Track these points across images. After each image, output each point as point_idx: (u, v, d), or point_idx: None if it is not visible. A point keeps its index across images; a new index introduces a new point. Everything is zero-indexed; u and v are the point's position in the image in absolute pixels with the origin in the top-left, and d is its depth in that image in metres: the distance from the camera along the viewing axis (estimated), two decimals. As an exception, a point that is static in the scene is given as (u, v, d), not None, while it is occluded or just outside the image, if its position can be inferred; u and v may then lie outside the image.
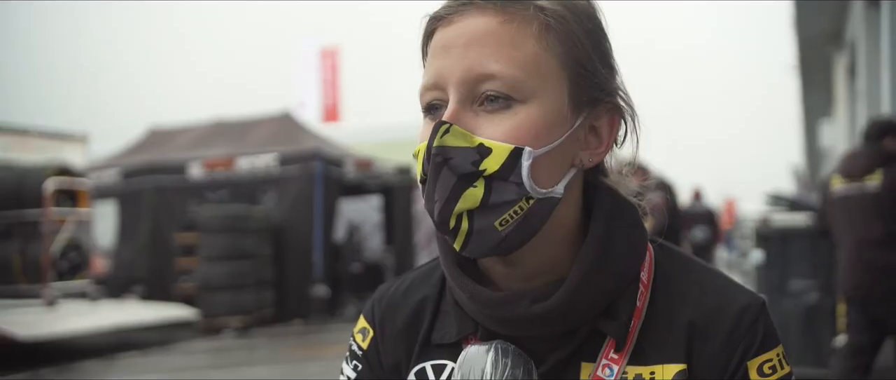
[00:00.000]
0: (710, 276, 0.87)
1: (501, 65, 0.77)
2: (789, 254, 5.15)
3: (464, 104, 0.79)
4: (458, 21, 0.80)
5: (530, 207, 0.78)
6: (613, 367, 0.82)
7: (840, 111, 11.89)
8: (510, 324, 0.83)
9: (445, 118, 0.77)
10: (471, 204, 0.77)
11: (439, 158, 0.77)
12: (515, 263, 0.83)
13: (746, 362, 0.80)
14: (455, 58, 0.79)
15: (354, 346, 0.98)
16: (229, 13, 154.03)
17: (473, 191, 0.77)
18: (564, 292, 0.80)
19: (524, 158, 0.76)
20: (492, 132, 0.77)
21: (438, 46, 0.81)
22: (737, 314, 0.82)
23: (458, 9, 0.81)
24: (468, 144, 0.77)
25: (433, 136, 0.77)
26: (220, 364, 7.35)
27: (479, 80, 0.78)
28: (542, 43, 0.79)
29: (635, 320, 0.83)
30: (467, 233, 0.78)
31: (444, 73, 0.79)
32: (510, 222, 0.78)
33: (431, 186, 0.78)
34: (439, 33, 0.82)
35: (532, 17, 0.79)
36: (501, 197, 0.77)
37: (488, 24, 0.79)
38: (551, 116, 0.79)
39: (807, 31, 10.69)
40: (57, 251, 8.24)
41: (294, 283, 9.99)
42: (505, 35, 0.78)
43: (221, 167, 10.69)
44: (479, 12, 0.79)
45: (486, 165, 0.76)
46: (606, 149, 0.85)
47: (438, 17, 0.82)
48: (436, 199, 0.78)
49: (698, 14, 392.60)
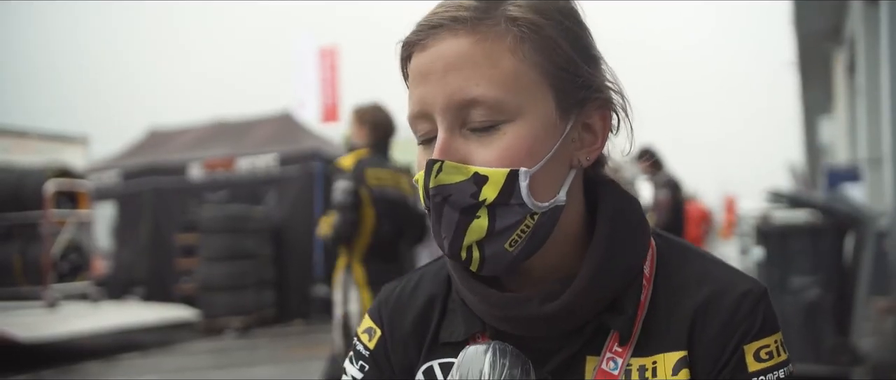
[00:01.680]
0: (711, 264, 0.87)
1: (482, 87, 0.76)
2: (790, 251, 5.15)
3: (452, 131, 0.78)
4: (432, 45, 0.79)
5: (536, 222, 0.78)
6: (618, 360, 0.82)
7: (839, 108, 11.88)
8: (519, 324, 0.83)
9: (437, 152, 0.77)
10: (478, 236, 0.78)
11: (438, 197, 0.77)
12: (524, 268, 0.83)
13: (743, 347, 0.80)
14: (435, 84, 0.78)
15: (360, 346, 0.97)
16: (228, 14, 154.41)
17: (478, 222, 0.77)
18: (573, 291, 0.80)
19: (521, 178, 0.76)
20: (484, 157, 0.77)
21: (417, 73, 0.80)
22: (737, 299, 0.82)
23: (429, 32, 0.79)
24: (463, 176, 0.77)
25: (428, 176, 0.77)
26: (221, 365, 7.35)
27: (462, 105, 0.77)
28: (519, 55, 0.78)
29: (639, 312, 0.84)
30: (480, 260, 0.79)
31: (427, 100, 0.79)
32: (520, 241, 0.78)
33: (436, 223, 0.79)
34: (415, 59, 0.81)
35: (504, 31, 0.78)
36: (506, 221, 0.77)
37: (461, 46, 0.77)
38: (541, 128, 0.78)
39: (806, 27, 10.69)
40: (57, 253, 8.24)
41: (295, 283, 9.99)
42: (480, 55, 0.77)
43: (221, 168, 10.69)
44: (451, 34, 0.78)
45: (486, 195, 0.76)
46: (602, 143, 0.85)
47: (411, 43, 0.81)
48: (443, 235, 0.79)
49: (697, 12, 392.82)
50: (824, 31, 10.57)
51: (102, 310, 8.38)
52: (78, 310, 8.12)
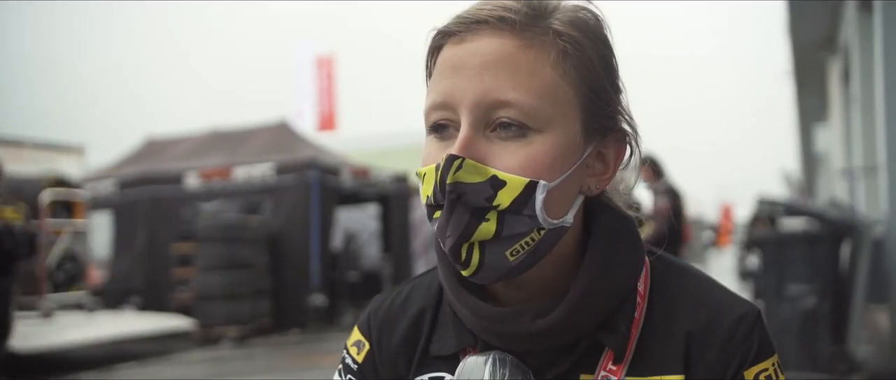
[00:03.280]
0: (705, 285, 0.87)
1: (519, 93, 0.75)
2: (786, 258, 5.16)
3: (477, 129, 0.76)
4: (470, 40, 0.77)
5: (541, 237, 0.78)
6: (612, 378, 0.82)
7: (834, 116, 11.93)
8: (511, 339, 0.82)
9: (458, 148, 0.75)
10: (483, 237, 0.76)
11: (454, 194, 0.75)
12: (518, 283, 0.83)
13: (743, 372, 0.80)
14: (468, 79, 0.76)
15: (349, 359, 0.96)
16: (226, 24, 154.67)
17: (486, 226, 0.76)
18: (565, 308, 0.80)
19: (539, 191, 0.75)
20: (506, 162, 0.75)
21: (448, 65, 0.78)
22: (733, 324, 0.82)
23: (471, 27, 0.77)
24: (481, 178, 0.75)
25: (447, 170, 0.75)
26: (217, 374, 7.32)
27: (494, 106, 0.75)
28: (559, 70, 0.77)
29: (633, 331, 0.83)
30: (478, 264, 0.77)
31: (455, 93, 0.76)
32: (521, 252, 0.77)
33: (444, 220, 0.77)
34: (449, 50, 0.79)
35: (550, 43, 0.77)
36: (513, 230, 0.76)
37: (505, 48, 0.76)
38: (565, 145, 0.77)
39: (801, 36, 10.74)
40: (53, 263, 8.23)
41: (291, 292, 9.97)
42: (523, 61, 0.76)
43: (218, 177, 10.68)
44: (495, 33, 0.76)
45: (500, 200, 0.75)
46: (612, 175, 0.85)
47: (449, 33, 0.79)
48: (448, 234, 0.77)
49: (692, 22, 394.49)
50: (819, 40, 10.62)
51: (98, 320, 8.36)
52: (74, 320, 8.10)
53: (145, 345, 8.20)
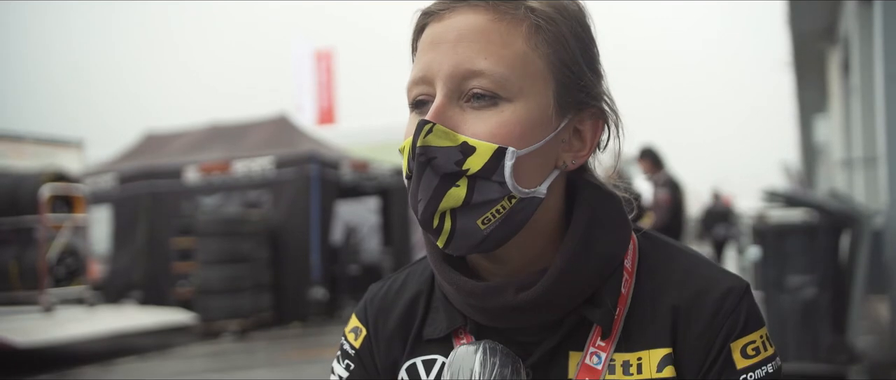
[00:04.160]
0: (693, 261, 0.88)
1: (490, 62, 0.78)
2: (786, 249, 5.16)
3: (450, 99, 0.79)
4: (448, 17, 0.81)
5: (513, 206, 0.79)
6: (601, 354, 0.83)
7: (834, 107, 11.92)
8: (496, 314, 0.83)
9: (431, 114, 0.78)
10: (454, 203, 0.78)
11: (423, 157, 0.77)
12: (500, 259, 0.84)
13: (730, 344, 0.81)
14: (444, 53, 0.79)
15: (347, 345, 0.98)
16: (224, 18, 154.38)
17: (456, 190, 0.77)
18: (548, 280, 0.81)
19: (507, 158, 0.77)
20: (477, 129, 0.78)
21: (428, 41, 0.82)
22: (720, 297, 0.83)
23: (449, 5, 0.81)
24: (451, 142, 0.77)
25: (417, 135, 0.77)
26: (218, 368, 7.34)
27: (467, 76, 0.78)
28: (531, 43, 0.80)
29: (621, 307, 0.84)
30: (450, 232, 0.79)
31: (432, 67, 0.80)
32: (493, 221, 0.79)
33: (415, 185, 0.79)
34: (430, 29, 0.83)
35: (523, 16, 0.80)
36: (484, 196, 0.78)
37: (478, 21, 0.79)
38: (536, 116, 0.79)
39: (800, 27, 10.73)
40: (53, 257, 8.22)
41: (292, 286, 9.98)
42: (495, 33, 0.79)
43: (218, 171, 10.68)
44: (471, 10, 0.80)
45: (470, 165, 0.77)
46: (589, 152, 0.86)
47: (430, 13, 0.83)
48: (419, 198, 0.79)
49: (691, 13, 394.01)
50: (819, 31, 10.61)
51: (99, 314, 8.36)
52: (74, 314, 8.10)
53: (146, 339, 8.22)
